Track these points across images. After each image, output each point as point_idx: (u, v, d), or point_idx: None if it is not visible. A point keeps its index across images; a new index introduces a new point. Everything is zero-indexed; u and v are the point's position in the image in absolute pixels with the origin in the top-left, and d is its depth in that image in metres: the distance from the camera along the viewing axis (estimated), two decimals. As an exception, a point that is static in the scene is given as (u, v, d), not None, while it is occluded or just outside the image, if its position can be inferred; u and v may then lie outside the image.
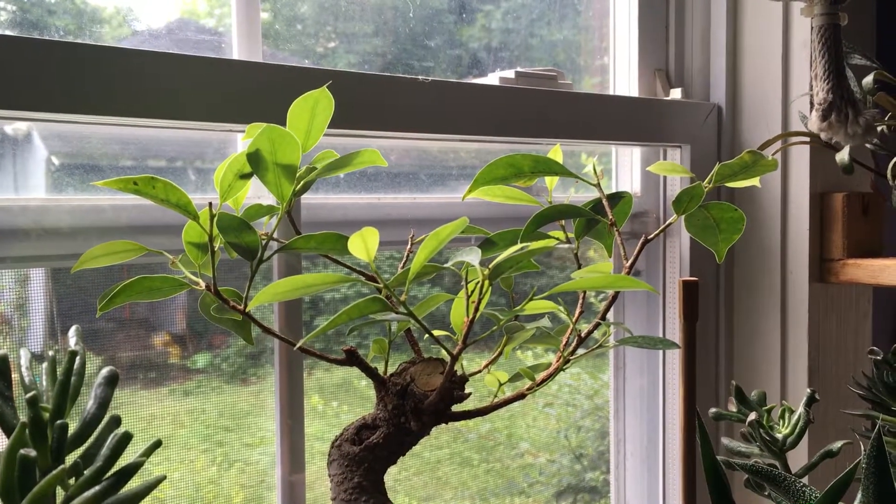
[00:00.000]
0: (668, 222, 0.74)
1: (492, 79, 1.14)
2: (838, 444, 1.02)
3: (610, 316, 1.28)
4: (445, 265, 0.67)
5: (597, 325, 0.72)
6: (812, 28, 0.92)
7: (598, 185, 0.76)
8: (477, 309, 0.63)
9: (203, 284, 0.71)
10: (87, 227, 0.91)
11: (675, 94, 1.30)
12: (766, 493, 0.97)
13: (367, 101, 0.98)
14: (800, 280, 1.27)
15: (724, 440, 1.03)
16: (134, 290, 0.70)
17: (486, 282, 0.63)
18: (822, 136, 0.91)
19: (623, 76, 1.32)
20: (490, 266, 0.63)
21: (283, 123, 0.93)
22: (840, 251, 1.24)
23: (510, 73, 1.14)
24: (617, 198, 0.78)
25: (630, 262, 0.72)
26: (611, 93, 1.33)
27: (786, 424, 1.01)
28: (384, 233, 1.06)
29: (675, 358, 1.31)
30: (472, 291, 0.65)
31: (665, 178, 1.32)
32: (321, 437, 1.11)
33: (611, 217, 0.74)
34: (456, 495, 1.29)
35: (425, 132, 1.04)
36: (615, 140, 1.23)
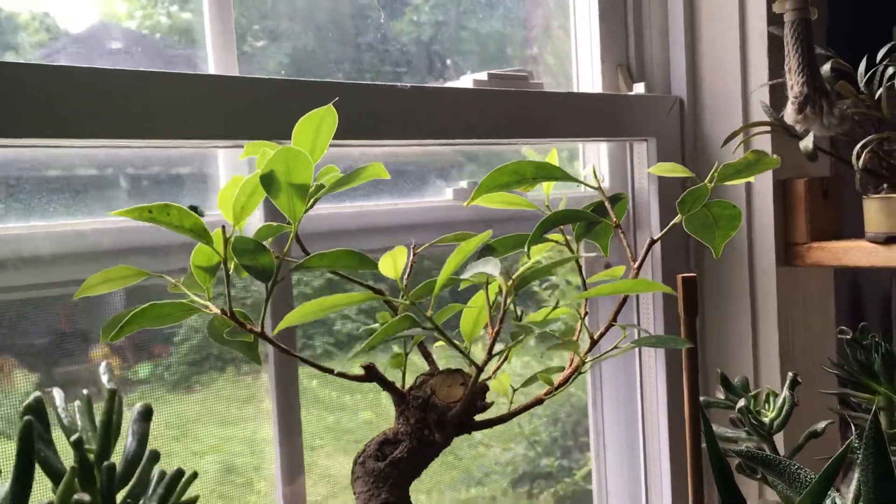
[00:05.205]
0: (672, 223, 0.75)
1: (465, 81, 1.14)
2: (822, 424, 1.06)
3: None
4: (462, 277, 0.67)
5: (609, 327, 0.73)
6: (784, 23, 0.94)
7: (599, 189, 0.77)
8: (501, 320, 0.64)
9: (213, 308, 0.70)
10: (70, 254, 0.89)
11: (639, 88, 1.32)
12: (759, 477, 1.00)
13: (348, 111, 0.97)
14: (767, 265, 1.30)
15: (713, 427, 1.05)
16: (145, 318, 0.69)
17: (509, 292, 0.64)
18: (798, 127, 0.94)
19: (586, 72, 1.34)
20: (514, 277, 0.63)
21: (266, 137, 0.92)
22: (804, 235, 1.28)
23: (483, 76, 1.14)
24: (615, 199, 0.80)
25: (638, 263, 0.74)
26: (575, 89, 1.35)
27: (771, 408, 1.04)
28: (371, 241, 1.06)
29: (650, 351, 1.33)
30: (493, 302, 0.65)
31: (633, 170, 1.34)
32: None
33: (615, 219, 0.76)
34: (414, 488, 1.29)
35: (405, 139, 1.04)
36: (585, 137, 1.25)
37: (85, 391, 0.54)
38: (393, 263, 0.62)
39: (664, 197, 1.30)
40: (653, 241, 0.75)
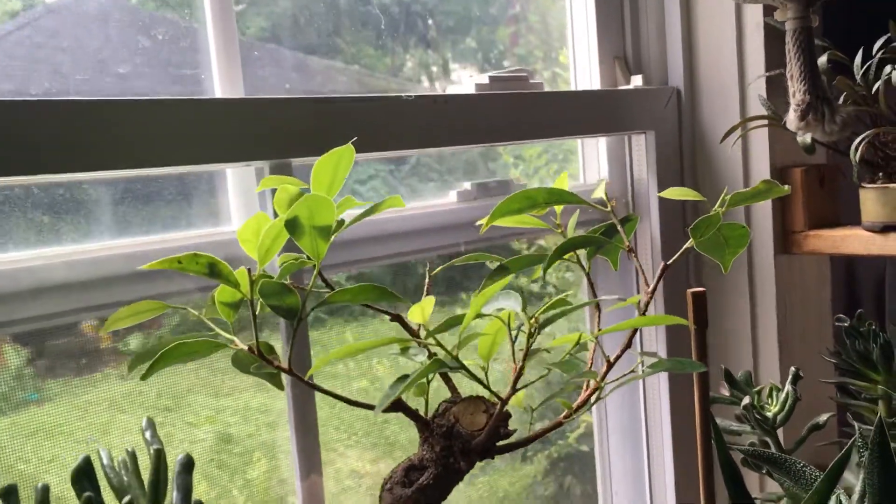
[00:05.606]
0: (683, 248, 0.77)
1: (467, 85, 1.15)
2: (824, 417, 1.09)
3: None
4: (484, 312, 0.69)
5: (624, 351, 0.75)
6: (786, 31, 0.95)
7: (611, 212, 0.79)
8: (525, 356, 0.66)
9: (239, 343, 0.72)
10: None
11: (636, 80, 1.33)
12: (764, 471, 1.04)
13: (353, 124, 0.98)
14: (765, 253, 1.33)
15: (717, 420, 1.08)
16: (173, 356, 0.71)
17: (533, 326, 0.66)
18: (800, 133, 0.96)
19: (584, 65, 1.35)
20: (536, 315, 0.65)
21: (274, 156, 0.93)
22: (802, 223, 1.30)
23: (484, 79, 1.15)
24: (625, 220, 0.82)
25: (651, 287, 0.76)
26: (572, 82, 1.36)
27: (774, 403, 1.07)
28: (379, 248, 1.08)
29: (652, 338, 1.36)
30: (517, 338, 0.67)
31: (631, 161, 1.35)
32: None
33: (627, 244, 0.77)
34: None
35: (409, 147, 1.05)
36: (585, 133, 1.26)
37: (129, 448, 0.56)
38: (421, 312, 0.64)
39: (663, 188, 1.32)
40: (666, 267, 0.77)
